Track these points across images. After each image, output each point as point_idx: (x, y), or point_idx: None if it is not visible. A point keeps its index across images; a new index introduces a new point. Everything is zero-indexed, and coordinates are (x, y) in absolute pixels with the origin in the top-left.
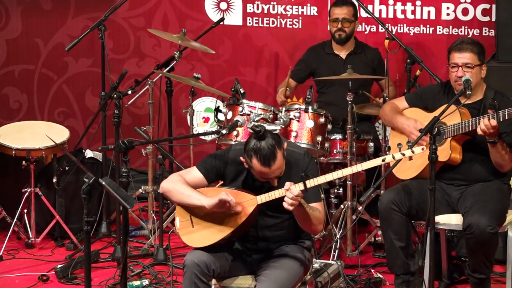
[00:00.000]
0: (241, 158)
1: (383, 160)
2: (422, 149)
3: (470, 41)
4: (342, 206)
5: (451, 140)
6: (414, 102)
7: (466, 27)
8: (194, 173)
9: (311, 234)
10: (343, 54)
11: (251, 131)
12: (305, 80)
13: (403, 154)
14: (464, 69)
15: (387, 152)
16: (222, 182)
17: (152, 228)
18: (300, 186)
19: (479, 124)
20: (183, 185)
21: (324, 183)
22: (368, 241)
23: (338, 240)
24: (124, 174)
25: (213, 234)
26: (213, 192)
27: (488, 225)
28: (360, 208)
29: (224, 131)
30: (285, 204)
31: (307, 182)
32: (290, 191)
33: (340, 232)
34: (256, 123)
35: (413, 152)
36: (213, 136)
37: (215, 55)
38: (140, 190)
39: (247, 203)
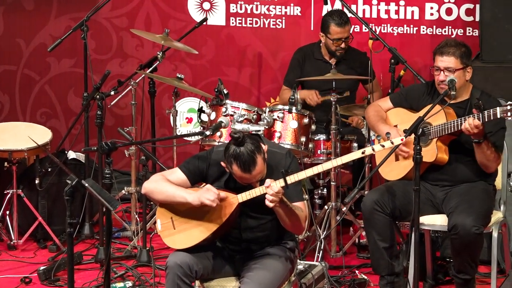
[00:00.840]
0: (222, 163)
1: (363, 153)
2: (402, 139)
3: (453, 43)
4: (326, 207)
5: (437, 140)
6: (399, 102)
7: (450, 27)
8: (177, 174)
9: (295, 235)
10: (332, 60)
11: (231, 137)
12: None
13: (383, 146)
14: (446, 73)
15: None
16: (205, 184)
17: (135, 229)
18: (280, 183)
19: (463, 123)
20: (166, 183)
21: (308, 183)
22: (352, 242)
23: (322, 241)
24: (107, 175)
25: (195, 234)
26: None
27: (474, 225)
28: (344, 209)
29: (207, 132)
30: (266, 201)
31: (288, 178)
32: (271, 188)
33: (324, 233)
34: (234, 130)
35: (392, 143)
36: (197, 137)
37: (198, 55)
38: (123, 191)
39: (227, 202)
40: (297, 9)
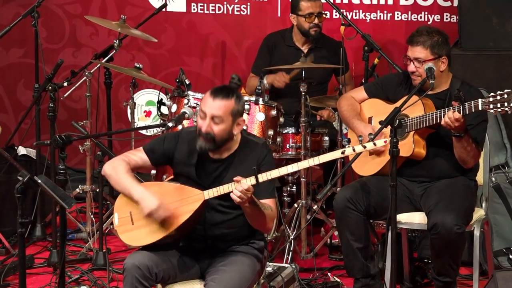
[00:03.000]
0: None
1: (342, 153)
2: (385, 141)
3: (425, 32)
4: (295, 205)
5: (414, 133)
6: (374, 93)
7: (426, 12)
8: (139, 154)
9: (264, 235)
10: (304, 48)
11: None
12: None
13: (364, 147)
14: (416, 64)
15: (347, 146)
16: (171, 177)
17: (91, 230)
18: (251, 180)
19: (443, 117)
20: (123, 172)
21: (276, 180)
22: (324, 243)
23: (292, 242)
24: (61, 171)
25: (154, 232)
26: (156, 187)
27: (455, 224)
28: (315, 207)
29: (170, 124)
30: (232, 195)
31: (259, 176)
32: (240, 185)
33: (294, 233)
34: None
35: (375, 144)
36: (158, 129)
37: (157, 44)
38: (78, 190)
39: (193, 198)
40: None
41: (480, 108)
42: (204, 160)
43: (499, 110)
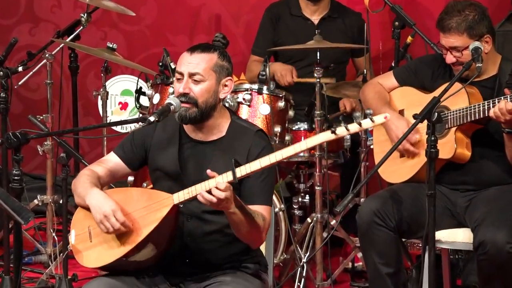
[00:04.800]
0: None
1: (333, 132)
2: (385, 117)
3: (455, 12)
4: (309, 220)
5: (456, 130)
6: (406, 79)
7: None
8: (111, 158)
9: (259, 255)
10: (315, 18)
11: None
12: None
13: (360, 124)
14: (455, 53)
15: (370, 146)
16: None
17: (53, 252)
18: (228, 176)
19: (492, 108)
20: (85, 180)
21: (284, 189)
22: (344, 267)
23: (305, 266)
24: (16, 177)
25: (114, 249)
26: (120, 194)
27: (508, 242)
28: (333, 222)
29: (152, 118)
30: (200, 197)
31: (237, 170)
32: (217, 184)
33: (307, 255)
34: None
35: (373, 121)
36: (136, 125)
37: (135, 18)
38: (36, 201)
39: (161, 204)
40: None
41: None
42: (184, 146)
43: None
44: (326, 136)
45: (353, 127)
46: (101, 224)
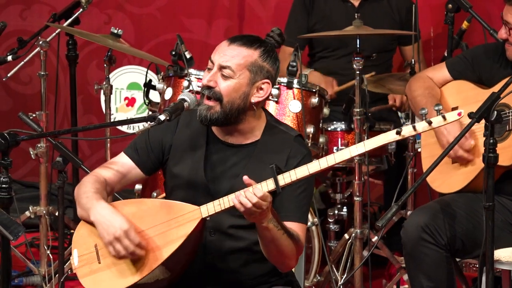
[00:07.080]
0: None
1: (398, 133)
2: (459, 114)
3: None
4: (346, 236)
5: None
6: (461, 72)
7: None
8: (121, 160)
9: (290, 277)
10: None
11: None
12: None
13: (430, 122)
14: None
15: (418, 150)
16: (163, 195)
17: (47, 272)
18: (268, 185)
19: None
20: (87, 191)
21: (318, 200)
22: None
23: None
24: (3, 185)
25: (129, 272)
26: (132, 206)
27: None
28: (375, 239)
29: (162, 117)
30: (234, 201)
31: (280, 177)
32: (254, 191)
33: (344, 277)
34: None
35: (444, 118)
36: (145, 125)
37: (144, 0)
38: (28, 213)
39: (185, 218)
40: None
41: None
42: (212, 148)
43: None
44: (389, 136)
45: (422, 126)
46: (111, 246)
